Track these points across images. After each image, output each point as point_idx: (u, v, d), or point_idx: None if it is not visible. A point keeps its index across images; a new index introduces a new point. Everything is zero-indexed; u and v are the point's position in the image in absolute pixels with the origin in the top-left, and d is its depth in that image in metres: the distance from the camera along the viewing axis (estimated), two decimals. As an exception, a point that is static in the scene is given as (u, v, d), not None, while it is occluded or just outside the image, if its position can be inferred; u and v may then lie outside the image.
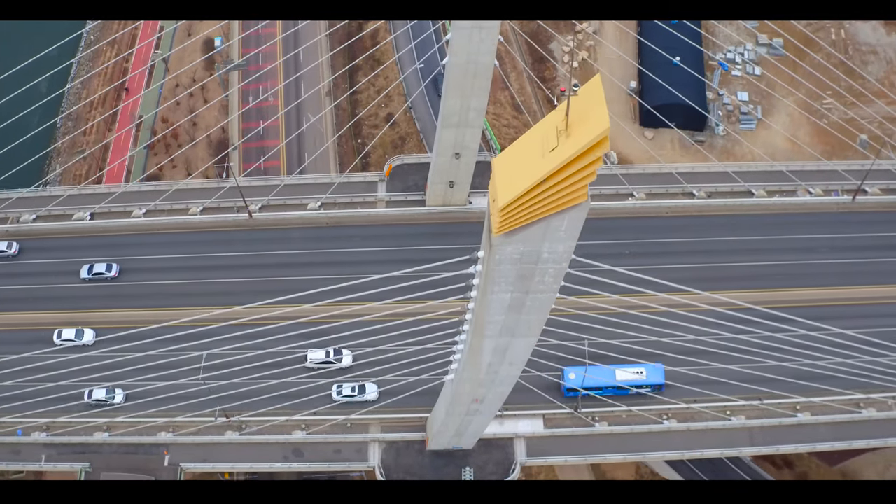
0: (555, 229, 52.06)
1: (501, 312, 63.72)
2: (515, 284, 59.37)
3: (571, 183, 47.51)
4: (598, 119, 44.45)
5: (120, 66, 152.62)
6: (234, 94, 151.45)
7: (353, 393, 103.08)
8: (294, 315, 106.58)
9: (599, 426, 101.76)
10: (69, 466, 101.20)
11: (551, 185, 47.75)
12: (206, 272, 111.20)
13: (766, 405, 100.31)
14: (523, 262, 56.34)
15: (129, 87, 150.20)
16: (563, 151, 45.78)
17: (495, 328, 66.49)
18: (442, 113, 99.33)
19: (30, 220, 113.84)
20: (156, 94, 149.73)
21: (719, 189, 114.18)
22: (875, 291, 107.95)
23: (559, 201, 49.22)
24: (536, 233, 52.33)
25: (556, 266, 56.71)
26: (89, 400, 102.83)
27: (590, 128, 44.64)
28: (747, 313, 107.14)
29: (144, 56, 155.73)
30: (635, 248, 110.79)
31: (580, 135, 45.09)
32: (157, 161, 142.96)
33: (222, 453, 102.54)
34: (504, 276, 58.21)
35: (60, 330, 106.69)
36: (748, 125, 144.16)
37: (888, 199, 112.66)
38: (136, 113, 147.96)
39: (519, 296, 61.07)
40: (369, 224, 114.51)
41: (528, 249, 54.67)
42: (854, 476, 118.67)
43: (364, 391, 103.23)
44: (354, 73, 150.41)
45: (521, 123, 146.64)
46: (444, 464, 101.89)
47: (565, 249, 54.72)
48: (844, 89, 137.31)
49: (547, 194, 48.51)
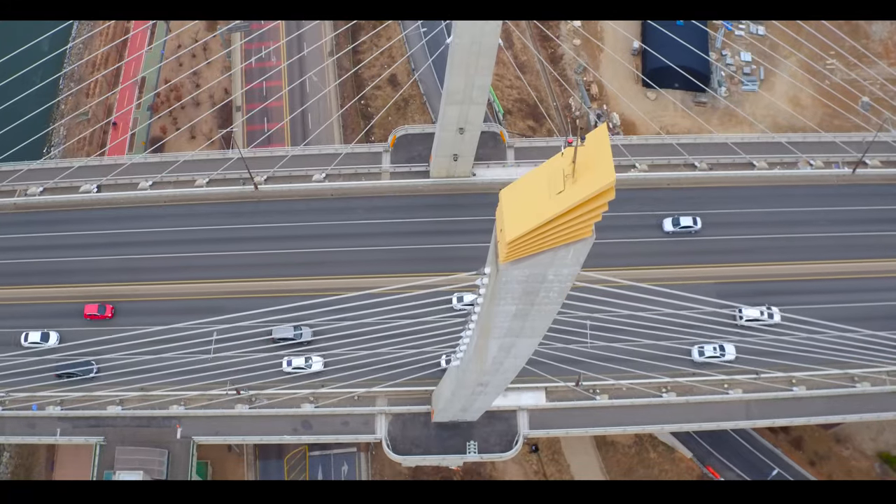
0: (561, 258, 53.41)
1: (506, 320, 65.33)
2: (521, 299, 60.86)
3: (577, 223, 48.82)
4: (604, 169, 45.63)
5: (121, 26, 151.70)
6: (237, 53, 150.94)
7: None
8: (298, 288, 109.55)
9: (600, 399, 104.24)
10: (84, 440, 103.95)
11: (557, 225, 49.05)
12: (213, 244, 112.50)
13: (763, 379, 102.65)
14: (529, 282, 57.76)
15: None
16: (570, 197, 46.98)
17: (500, 332, 68.12)
18: (446, 90, 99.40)
19: (37, 192, 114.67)
20: (158, 54, 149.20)
21: (721, 161, 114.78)
22: (874, 266, 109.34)
23: (564, 237, 50.54)
24: (543, 260, 53.67)
25: (561, 285, 58.22)
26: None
27: (596, 177, 45.81)
28: (743, 287, 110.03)
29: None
30: (636, 220, 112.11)
31: (586, 183, 46.24)
32: (161, 122, 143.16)
33: (233, 426, 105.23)
34: (510, 292, 59.64)
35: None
36: (751, 86, 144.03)
37: (888, 172, 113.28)
38: (139, 74, 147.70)
39: (524, 307, 62.60)
40: (374, 196, 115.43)
41: (534, 273, 56.07)
42: (847, 440, 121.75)
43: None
44: (356, 33, 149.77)
45: (523, 84, 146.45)
46: (449, 435, 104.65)
47: (570, 273, 56.15)
48: (847, 50, 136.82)
49: (553, 231, 49.80)
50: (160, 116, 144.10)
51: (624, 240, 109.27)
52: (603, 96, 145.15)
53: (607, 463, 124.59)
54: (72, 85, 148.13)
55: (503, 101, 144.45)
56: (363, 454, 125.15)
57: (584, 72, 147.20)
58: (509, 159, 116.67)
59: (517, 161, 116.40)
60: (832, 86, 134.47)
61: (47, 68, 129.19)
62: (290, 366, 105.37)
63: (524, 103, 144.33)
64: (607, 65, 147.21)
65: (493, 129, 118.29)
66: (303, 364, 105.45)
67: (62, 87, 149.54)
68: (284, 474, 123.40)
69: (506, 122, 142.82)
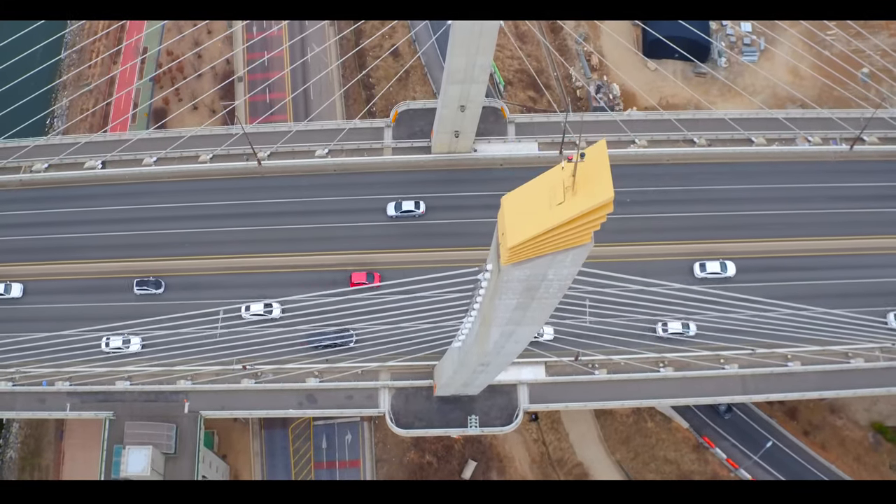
0: (560, 261, 55.00)
1: (508, 311, 67.00)
2: (522, 294, 62.51)
3: (576, 232, 50.33)
4: (603, 185, 46.95)
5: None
6: (239, 22, 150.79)
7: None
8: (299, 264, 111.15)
9: (598, 373, 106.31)
10: (93, 415, 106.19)
11: (557, 233, 50.55)
12: (217, 220, 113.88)
13: (758, 354, 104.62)
14: (529, 280, 59.40)
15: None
16: (569, 209, 48.45)
17: (501, 321, 69.84)
18: (447, 70, 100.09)
19: (42, 168, 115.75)
20: (160, 24, 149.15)
21: (720, 137, 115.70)
22: (870, 242, 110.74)
23: (563, 243, 52.08)
24: (543, 262, 55.24)
25: (561, 283, 59.84)
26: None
27: (595, 192, 47.19)
28: (742, 264, 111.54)
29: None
30: (636, 195, 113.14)
31: (585, 197, 47.64)
32: (164, 94, 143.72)
33: (239, 400, 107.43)
34: (511, 289, 61.28)
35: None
36: (751, 56, 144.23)
37: (886, 149, 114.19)
38: (141, 45, 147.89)
39: (524, 301, 64.25)
40: (376, 171, 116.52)
41: (534, 273, 57.68)
42: (841, 410, 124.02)
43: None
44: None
45: (524, 54, 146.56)
46: (451, 409, 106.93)
47: (569, 273, 57.82)
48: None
49: (552, 238, 51.36)
50: (162, 87, 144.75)
51: (620, 216, 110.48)
52: (603, 67, 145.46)
53: (605, 432, 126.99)
54: (73, 56, 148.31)
55: (504, 72, 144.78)
56: (366, 423, 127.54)
57: (584, 42, 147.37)
58: (510, 134, 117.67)
59: (518, 136, 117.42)
60: (832, 57, 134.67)
61: (49, 37, 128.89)
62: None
63: (525, 74, 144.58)
64: (608, 35, 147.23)
65: (495, 105, 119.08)
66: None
67: (64, 57, 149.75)
68: (289, 443, 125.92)
69: (506, 93, 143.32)
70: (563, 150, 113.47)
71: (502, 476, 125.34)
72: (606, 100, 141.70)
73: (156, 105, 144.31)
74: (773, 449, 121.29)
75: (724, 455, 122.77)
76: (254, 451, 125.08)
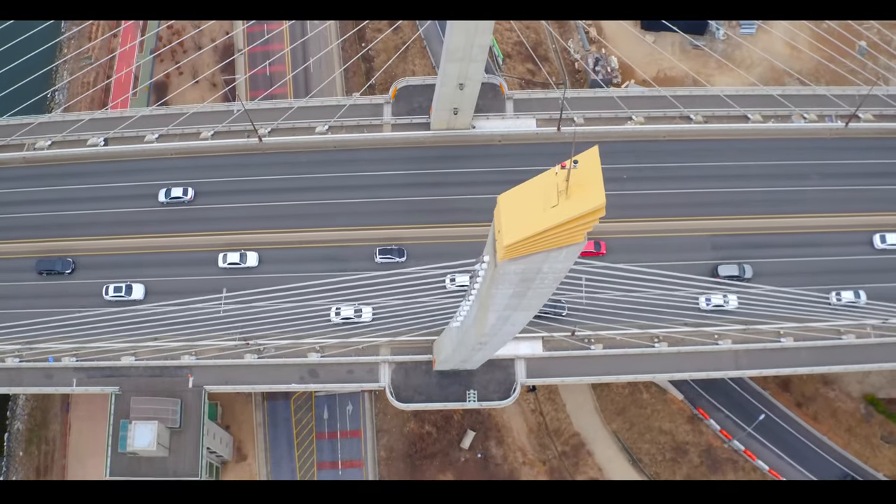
0: (554, 257, 56.78)
1: (504, 299, 68.80)
2: (518, 285, 64.27)
3: (569, 233, 51.99)
4: (595, 191, 48.52)
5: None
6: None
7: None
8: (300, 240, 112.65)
9: (595, 348, 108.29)
10: (100, 390, 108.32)
11: (551, 234, 52.22)
12: (219, 196, 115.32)
13: (751, 330, 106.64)
14: (525, 273, 61.14)
15: None
16: (562, 213, 50.13)
17: (499, 307, 71.64)
18: (446, 48, 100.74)
19: (45, 146, 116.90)
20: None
21: (716, 114, 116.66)
22: (866, 220, 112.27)
23: (557, 242, 53.78)
24: (537, 259, 57.01)
25: (556, 275, 61.58)
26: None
27: (588, 198, 48.85)
28: (737, 240, 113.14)
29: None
30: (633, 172, 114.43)
31: (578, 202, 49.28)
32: (164, 68, 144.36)
33: (242, 375, 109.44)
34: (507, 280, 63.03)
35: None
36: (748, 29, 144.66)
37: (880, 126, 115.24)
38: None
39: (520, 290, 66.01)
40: (376, 147, 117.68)
41: (529, 267, 59.39)
42: (834, 382, 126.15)
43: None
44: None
45: (523, 26, 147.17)
46: (450, 383, 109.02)
47: (563, 267, 59.63)
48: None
49: (546, 238, 53.07)
50: (163, 61, 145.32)
51: (617, 192, 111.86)
52: (602, 38, 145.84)
53: (601, 402, 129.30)
54: (74, 31, 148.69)
55: (502, 45, 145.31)
56: (367, 394, 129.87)
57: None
58: (508, 111, 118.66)
59: (516, 113, 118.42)
60: (832, 25, 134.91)
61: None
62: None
63: (523, 46, 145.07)
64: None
65: (493, 81, 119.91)
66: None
67: (63, 30, 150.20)
68: (291, 414, 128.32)
69: (505, 66, 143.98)
70: (561, 126, 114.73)
71: (500, 445, 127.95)
72: (604, 72, 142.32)
73: (157, 81, 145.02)
74: (767, 420, 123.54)
75: (717, 426, 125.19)
76: (256, 422, 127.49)
